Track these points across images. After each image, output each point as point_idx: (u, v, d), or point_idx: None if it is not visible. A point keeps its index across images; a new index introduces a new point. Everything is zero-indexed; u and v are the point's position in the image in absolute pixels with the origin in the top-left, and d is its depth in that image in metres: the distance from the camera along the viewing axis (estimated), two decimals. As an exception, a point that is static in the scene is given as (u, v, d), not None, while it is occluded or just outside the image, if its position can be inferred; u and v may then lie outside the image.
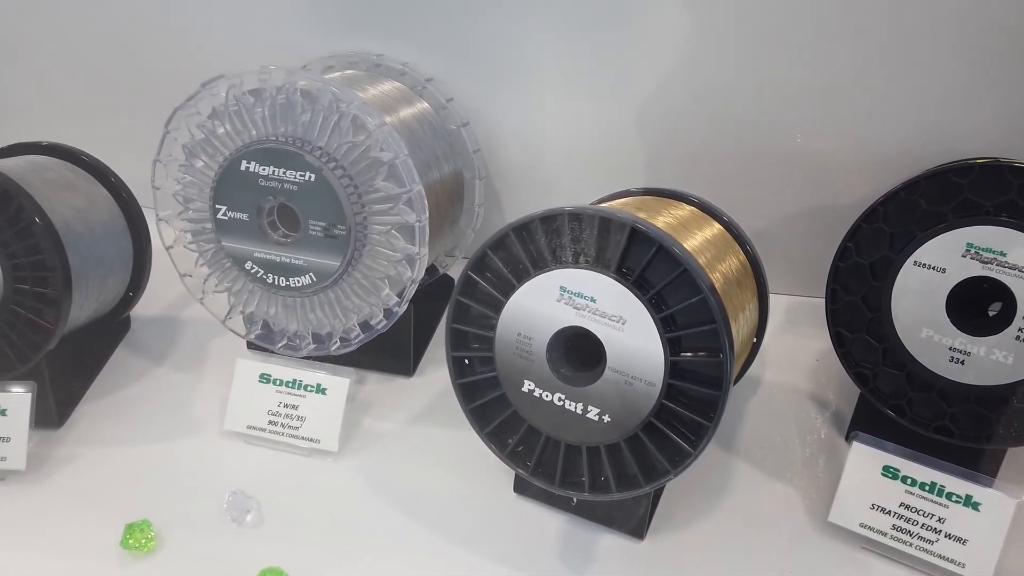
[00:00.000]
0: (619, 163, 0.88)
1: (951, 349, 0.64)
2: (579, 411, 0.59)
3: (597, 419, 0.58)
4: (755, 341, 0.72)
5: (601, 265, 0.57)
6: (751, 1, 0.77)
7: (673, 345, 0.56)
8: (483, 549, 0.66)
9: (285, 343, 0.76)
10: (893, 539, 0.64)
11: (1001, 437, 0.65)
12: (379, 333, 0.74)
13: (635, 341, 0.56)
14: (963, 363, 0.64)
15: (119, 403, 0.79)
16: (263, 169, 0.69)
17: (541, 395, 0.60)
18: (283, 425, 0.74)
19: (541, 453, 0.61)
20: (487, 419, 0.63)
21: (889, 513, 0.64)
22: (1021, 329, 0.63)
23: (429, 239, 0.70)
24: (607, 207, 0.58)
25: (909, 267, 0.64)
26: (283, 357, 0.76)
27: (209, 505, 0.69)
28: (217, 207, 0.72)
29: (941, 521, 0.63)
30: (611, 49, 0.82)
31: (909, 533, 0.64)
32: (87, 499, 0.70)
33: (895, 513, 0.64)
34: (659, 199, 0.75)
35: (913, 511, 0.64)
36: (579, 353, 0.60)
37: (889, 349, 0.66)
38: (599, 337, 0.57)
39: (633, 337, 0.56)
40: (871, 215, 0.66)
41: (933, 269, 0.64)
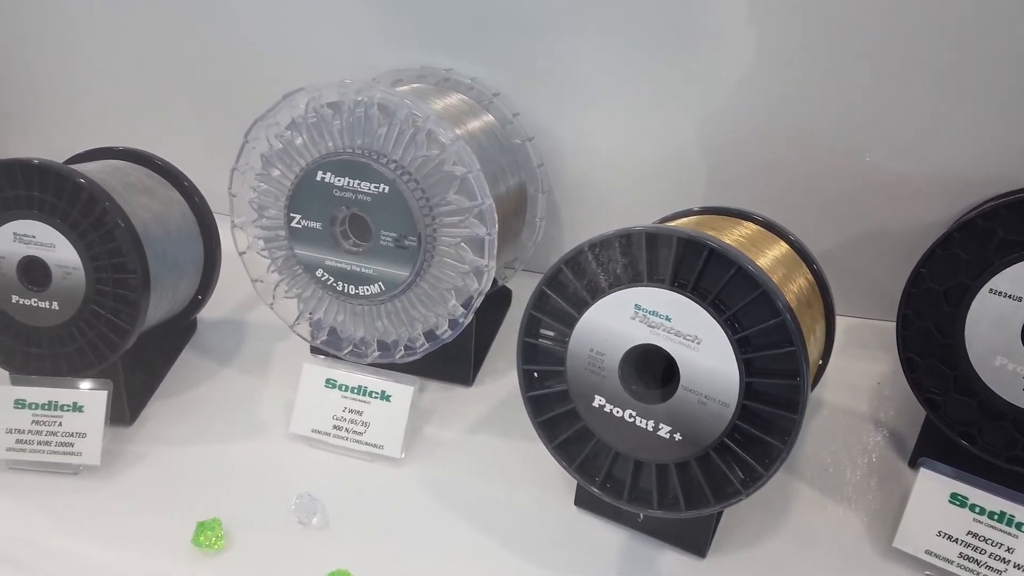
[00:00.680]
0: (679, 180, 0.89)
1: (1025, 378, 0.64)
2: (650, 428, 0.59)
3: (668, 437, 0.59)
4: (820, 363, 0.72)
5: (678, 285, 0.57)
6: (820, 19, 0.77)
7: (748, 366, 0.56)
8: (544, 561, 0.67)
9: (351, 349, 0.78)
10: (959, 567, 0.64)
11: (1073, 468, 0.64)
12: (444, 343, 0.75)
13: (710, 361, 0.56)
14: (1037, 392, 0.64)
15: (186, 403, 0.81)
16: (338, 180, 0.71)
17: (612, 411, 0.60)
18: (347, 430, 0.75)
19: (610, 468, 0.62)
20: (556, 432, 0.64)
21: (956, 541, 0.64)
22: (1098, 360, 0.62)
23: (495, 251, 0.71)
24: (683, 227, 0.58)
25: (984, 295, 0.64)
26: (347, 363, 0.77)
27: (275, 506, 0.70)
28: (291, 215, 0.73)
29: (1010, 551, 0.62)
30: (676, 68, 0.83)
31: (976, 562, 0.63)
32: (158, 496, 0.72)
33: (962, 541, 0.64)
34: (723, 218, 0.75)
35: (981, 540, 0.63)
36: (651, 370, 0.60)
37: (961, 376, 0.66)
38: (673, 356, 0.58)
39: (708, 357, 0.56)
40: (946, 241, 0.66)
41: (1009, 297, 0.63)
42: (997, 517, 0.63)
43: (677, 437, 0.58)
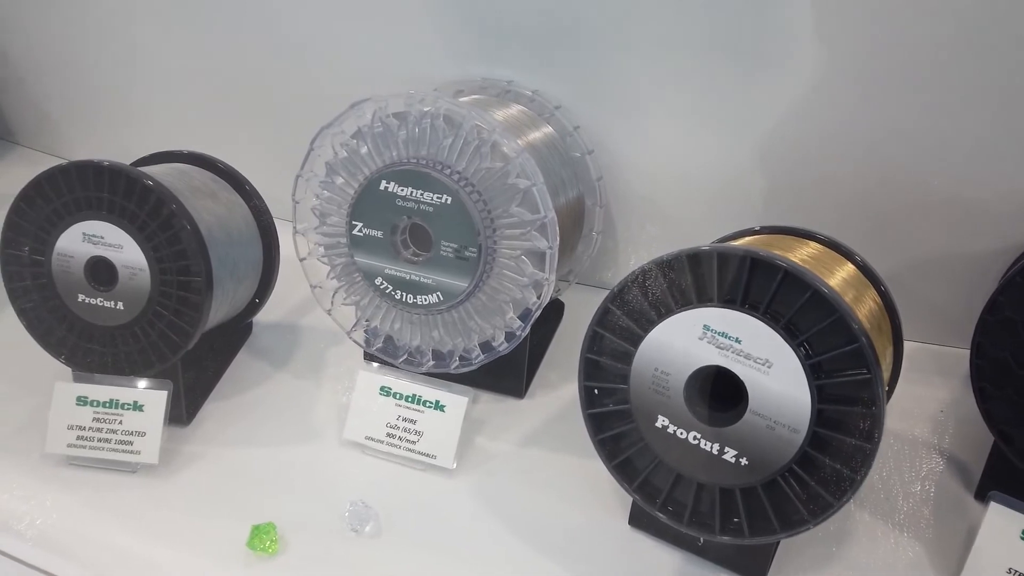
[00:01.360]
0: (737, 198, 0.87)
1: (1103, 413, 0.62)
2: (715, 451, 0.58)
3: (734, 461, 0.58)
4: (887, 388, 0.70)
5: (749, 306, 0.56)
6: (887, 38, 0.75)
7: (820, 391, 0.55)
8: (598, 579, 0.66)
9: (406, 358, 0.78)
10: (1030, 606, 0.62)
11: None
12: (500, 355, 0.74)
13: (780, 386, 0.55)
14: (1116, 429, 0.61)
15: (242, 405, 0.82)
16: (401, 190, 0.71)
17: (676, 432, 0.59)
18: (401, 439, 0.75)
19: (671, 490, 0.61)
20: (616, 451, 0.63)
21: (1027, 579, 0.62)
22: None
23: (553, 264, 0.71)
24: (756, 247, 0.57)
25: (1065, 326, 0.62)
26: (401, 371, 0.77)
27: (328, 512, 0.70)
28: (353, 223, 0.74)
29: (1085, 592, 0.60)
30: (736, 85, 0.82)
31: (1048, 602, 0.61)
32: (213, 497, 0.72)
33: (1034, 579, 0.62)
34: (787, 237, 0.74)
35: (1054, 579, 0.61)
36: (716, 393, 0.59)
37: (1036, 409, 0.64)
38: (742, 378, 0.57)
39: (778, 381, 0.55)
40: (1024, 269, 0.64)
41: (1091, 330, 0.61)
42: (1071, 556, 0.61)
43: (743, 462, 0.57)
